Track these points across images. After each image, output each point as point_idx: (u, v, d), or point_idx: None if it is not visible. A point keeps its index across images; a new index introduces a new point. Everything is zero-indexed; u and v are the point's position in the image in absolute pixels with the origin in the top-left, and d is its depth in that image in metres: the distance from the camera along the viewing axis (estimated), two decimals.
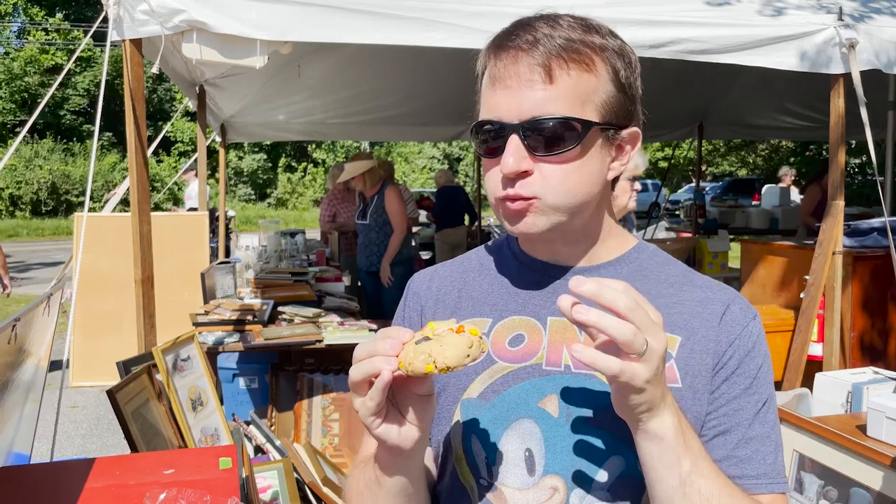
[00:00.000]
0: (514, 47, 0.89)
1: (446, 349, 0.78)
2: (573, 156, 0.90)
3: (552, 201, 0.91)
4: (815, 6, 3.38)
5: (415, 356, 0.78)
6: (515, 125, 0.89)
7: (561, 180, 0.90)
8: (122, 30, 2.75)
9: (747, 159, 29.01)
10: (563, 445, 0.91)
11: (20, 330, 1.55)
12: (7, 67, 25.31)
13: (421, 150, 32.17)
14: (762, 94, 7.19)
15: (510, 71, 0.89)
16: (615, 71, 0.91)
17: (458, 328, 0.81)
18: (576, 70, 0.88)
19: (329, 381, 3.84)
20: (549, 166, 0.90)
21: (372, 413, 0.81)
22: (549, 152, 0.89)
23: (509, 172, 0.89)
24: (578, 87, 0.89)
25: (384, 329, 0.84)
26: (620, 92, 0.92)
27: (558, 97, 0.88)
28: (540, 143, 0.89)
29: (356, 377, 0.80)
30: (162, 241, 3.44)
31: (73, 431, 4.87)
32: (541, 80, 0.88)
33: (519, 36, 0.90)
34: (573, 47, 0.89)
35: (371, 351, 0.80)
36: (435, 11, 2.93)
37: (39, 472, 1.58)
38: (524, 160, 0.89)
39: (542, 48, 0.88)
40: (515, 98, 0.89)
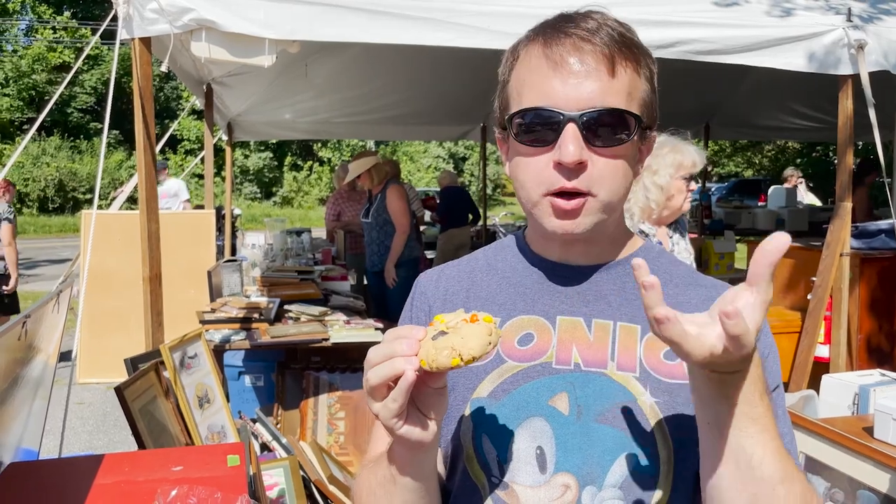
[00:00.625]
0: (575, 34, 0.88)
1: (468, 340, 0.78)
2: (623, 151, 0.90)
3: (604, 198, 0.90)
4: (823, 7, 3.37)
5: (437, 352, 0.77)
6: (575, 115, 0.87)
7: (612, 175, 0.90)
8: (132, 28, 2.76)
9: (753, 160, 28.92)
10: (574, 443, 0.91)
11: (30, 326, 1.56)
12: (15, 65, 25.39)
13: (426, 150, 32.17)
14: (769, 95, 7.18)
15: (573, 58, 0.87)
16: (650, 71, 0.92)
17: (472, 317, 0.81)
18: (630, 66, 0.89)
19: (335, 379, 3.85)
20: (602, 160, 0.89)
21: (395, 415, 0.80)
22: (605, 144, 0.88)
23: (571, 161, 0.87)
24: (630, 82, 0.89)
25: (394, 330, 0.83)
26: (652, 93, 0.93)
27: (618, 90, 0.88)
28: (598, 135, 0.88)
29: (375, 381, 0.79)
30: (169, 239, 3.45)
31: (79, 428, 4.89)
32: (606, 71, 0.87)
33: (577, 24, 0.89)
34: (627, 43, 0.89)
35: (388, 353, 0.79)
36: (443, 11, 2.93)
37: (49, 468, 1.59)
38: (583, 150, 0.88)
39: (607, 38, 0.87)
40: (577, 87, 0.87)
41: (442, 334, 0.79)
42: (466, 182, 32.60)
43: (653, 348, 0.94)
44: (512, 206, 26.06)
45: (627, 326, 0.96)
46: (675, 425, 0.91)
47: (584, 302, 0.98)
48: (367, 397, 0.82)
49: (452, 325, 0.80)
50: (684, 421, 0.90)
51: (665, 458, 0.90)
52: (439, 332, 0.80)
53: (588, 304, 0.98)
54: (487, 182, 10.69)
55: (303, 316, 4.09)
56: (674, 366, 0.93)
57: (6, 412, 1.48)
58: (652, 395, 0.92)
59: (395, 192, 5.45)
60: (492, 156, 11.47)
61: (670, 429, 0.90)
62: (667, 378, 0.93)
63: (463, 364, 0.77)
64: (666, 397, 0.91)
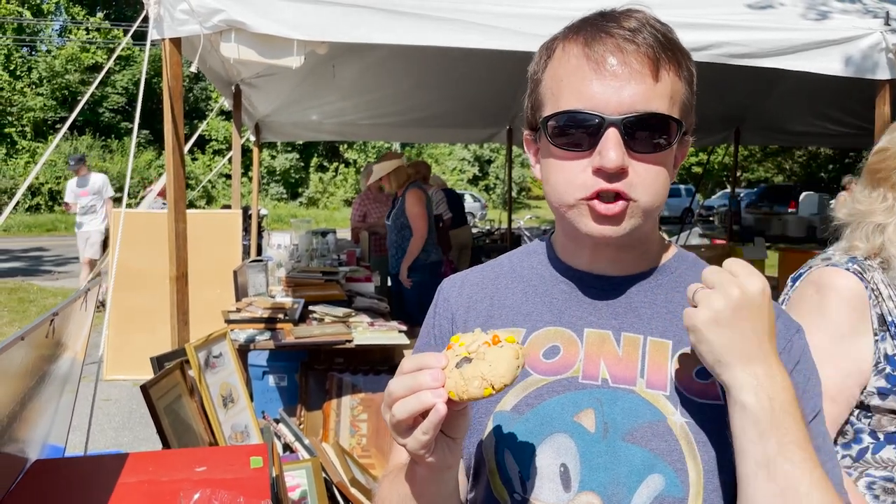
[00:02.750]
0: (618, 34, 0.84)
1: (497, 366, 0.75)
2: (664, 157, 0.87)
3: (644, 203, 0.87)
4: (861, 10, 3.30)
5: (467, 382, 0.75)
6: (617, 119, 0.84)
7: (653, 181, 0.87)
8: (163, 29, 2.78)
9: (784, 165, 28.52)
10: (599, 462, 0.88)
11: (58, 324, 1.57)
12: (49, 65, 25.86)
13: (451, 152, 32.19)
14: (801, 100, 7.06)
15: (615, 59, 0.84)
16: (690, 74, 0.89)
17: (494, 339, 0.78)
18: (673, 69, 0.86)
19: (358, 381, 3.85)
20: (643, 166, 0.86)
21: (424, 447, 0.78)
22: (646, 151, 0.85)
23: (614, 168, 0.84)
24: (672, 86, 0.86)
25: (413, 358, 0.79)
26: (692, 96, 0.90)
27: (661, 94, 0.85)
28: (640, 140, 0.85)
29: (402, 415, 0.76)
30: (196, 239, 3.47)
31: (105, 424, 4.95)
32: (650, 74, 0.84)
33: (619, 23, 0.85)
34: (669, 45, 0.86)
35: (413, 386, 0.76)
36: (471, 13, 2.92)
37: (74, 465, 1.60)
38: (625, 156, 0.85)
39: (651, 38, 0.84)
40: (619, 90, 0.84)
41: (466, 361, 0.77)
42: (492, 185, 32.59)
43: (685, 365, 0.91)
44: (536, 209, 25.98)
45: (658, 342, 0.92)
46: (706, 446, 0.87)
47: (614, 314, 0.94)
48: (391, 430, 0.79)
49: (475, 350, 0.77)
50: (715, 442, 0.87)
51: (694, 480, 0.87)
52: (463, 360, 0.77)
53: (617, 316, 0.94)
54: (513, 185, 10.64)
55: (327, 317, 4.10)
56: (706, 385, 0.89)
57: (33, 409, 1.49)
58: (682, 415, 0.88)
59: (413, 197, 5.44)
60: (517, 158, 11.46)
61: (700, 450, 0.87)
62: (698, 398, 0.89)
63: (495, 393, 0.75)
64: (697, 417, 0.88)
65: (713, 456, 0.87)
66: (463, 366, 0.76)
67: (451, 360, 0.77)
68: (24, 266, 13.28)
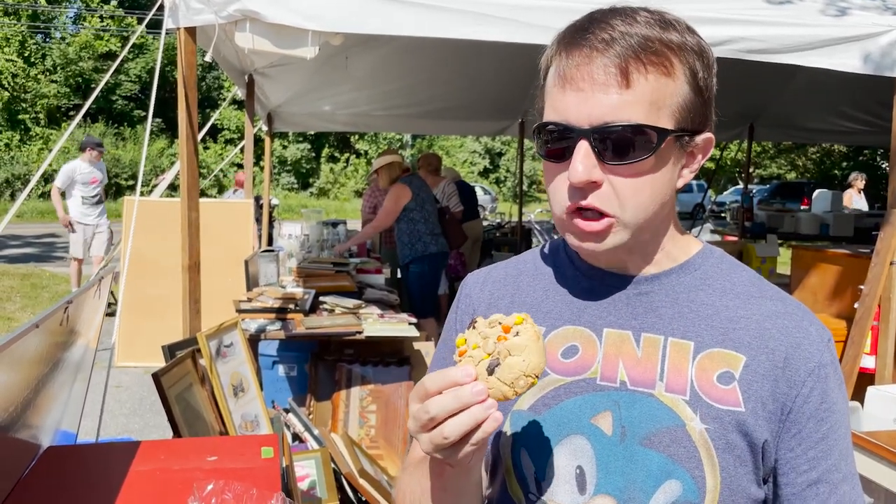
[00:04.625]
0: (588, 45, 0.83)
1: (530, 357, 0.76)
2: (646, 166, 0.84)
3: (627, 218, 0.85)
4: (880, 7, 3.26)
5: (512, 384, 0.75)
6: (586, 130, 0.82)
7: (633, 193, 0.84)
8: (178, 18, 2.78)
9: (797, 162, 28.31)
10: (616, 465, 0.87)
11: (71, 312, 1.58)
12: (63, 52, 25.97)
13: (462, 144, 32.13)
14: (817, 96, 6.99)
15: (583, 71, 0.82)
16: (693, 73, 0.85)
17: (505, 329, 0.78)
18: (654, 73, 0.82)
19: (367, 372, 3.86)
20: (619, 178, 0.84)
21: (470, 456, 0.77)
22: (621, 161, 0.83)
23: (578, 181, 0.83)
24: (655, 91, 0.82)
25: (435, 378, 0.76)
26: (697, 95, 0.86)
27: (634, 102, 0.82)
28: (612, 151, 0.83)
29: (457, 435, 0.74)
30: (208, 228, 3.48)
31: (116, 410, 4.98)
32: (616, 84, 0.81)
33: (593, 33, 0.83)
34: (651, 47, 0.82)
35: (458, 406, 0.74)
36: (485, 5, 2.90)
37: (86, 452, 1.61)
38: (594, 169, 0.83)
39: (619, 48, 0.81)
40: (588, 101, 0.82)
41: (495, 364, 0.76)
42: (503, 178, 32.51)
43: (706, 369, 0.89)
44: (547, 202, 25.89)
45: (679, 343, 0.90)
46: (725, 454, 0.86)
47: (633, 314, 0.93)
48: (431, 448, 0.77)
49: (494, 350, 0.77)
50: (734, 450, 0.86)
51: (711, 487, 0.86)
52: (492, 363, 0.76)
53: (637, 316, 0.92)
54: (524, 178, 10.60)
55: (337, 308, 4.11)
56: (727, 390, 0.88)
57: (46, 396, 1.50)
58: (702, 421, 0.87)
59: (395, 191, 5.51)
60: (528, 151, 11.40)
61: (719, 457, 0.86)
62: (718, 403, 0.87)
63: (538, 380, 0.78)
64: (716, 424, 0.86)
65: (731, 464, 0.86)
66: (496, 370, 0.76)
67: (477, 369, 0.76)
68: (37, 252, 13.38)
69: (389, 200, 5.51)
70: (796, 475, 0.88)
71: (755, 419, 0.87)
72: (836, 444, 0.89)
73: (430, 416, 0.75)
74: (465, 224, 7.90)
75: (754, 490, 0.88)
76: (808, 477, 0.88)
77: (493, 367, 0.76)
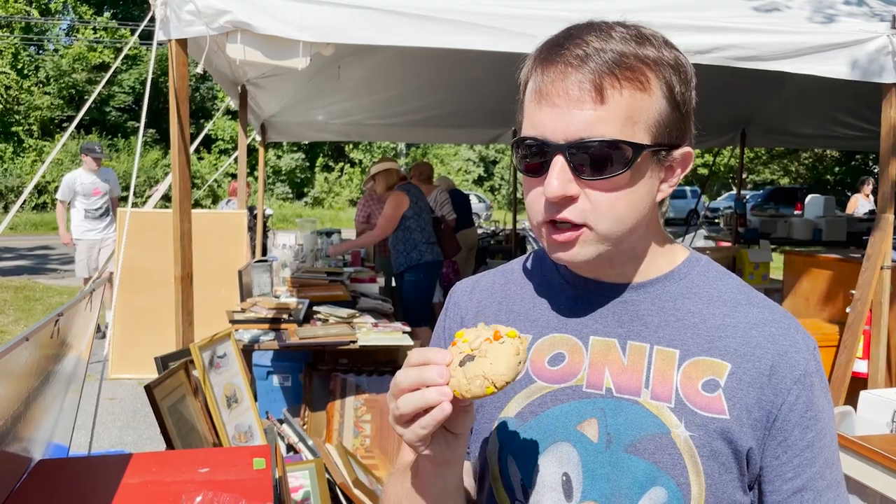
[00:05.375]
0: (563, 62, 0.83)
1: (497, 364, 0.76)
2: (622, 181, 0.85)
3: (602, 230, 0.86)
4: (867, 14, 3.29)
5: (469, 381, 0.75)
6: (561, 145, 0.83)
7: (610, 207, 0.85)
8: (169, 30, 2.79)
9: (790, 168, 28.44)
10: (601, 472, 0.88)
11: (62, 324, 1.58)
12: (56, 64, 25.94)
13: (457, 152, 32.19)
14: (808, 102, 7.04)
15: (557, 88, 0.83)
16: (669, 87, 0.85)
17: (495, 334, 0.78)
18: (628, 89, 0.82)
19: (362, 381, 3.85)
20: (596, 192, 0.85)
21: (421, 440, 0.78)
22: (596, 176, 0.84)
23: (553, 196, 0.84)
24: (630, 106, 0.83)
25: (420, 352, 0.80)
26: (674, 110, 0.86)
27: (609, 118, 0.82)
28: (587, 166, 0.83)
29: (406, 409, 0.77)
30: (201, 239, 3.48)
31: (110, 423, 4.96)
32: (591, 100, 0.82)
33: (568, 49, 0.84)
34: (626, 63, 0.82)
35: (419, 381, 0.76)
36: (476, 15, 2.92)
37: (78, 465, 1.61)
38: (570, 183, 0.84)
39: (593, 64, 0.82)
40: (563, 117, 0.83)
41: (469, 358, 0.77)
42: (497, 185, 32.56)
43: (691, 377, 0.89)
44: None
45: (665, 351, 0.91)
46: (709, 461, 0.87)
47: (619, 322, 0.93)
48: (392, 420, 0.80)
49: (477, 347, 0.78)
50: (718, 457, 0.87)
51: (696, 494, 0.86)
52: (467, 356, 0.77)
53: (623, 324, 0.93)
54: (518, 186, 10.63)
55: (331, 318, 4.10)
56: (712, 398, 0.88)
57: (37, 409, 1.49)
58: (687, 428, 0.87)
59: (394, 199, 5.51)
60: None
61: (704, 464, 0.87)
62: (703, 411, 0.88)
63: (497, 391, 0.76)
64: (701, 431, 0.87)
65: (716, 471, 0.87)
66: (466, 364, 0.77)
67: (455, 357, 0.78)
68: (31, 264, 13.33)
69: (389, 207, 5.49)
70: (781, 482, 0.89)
71: (740, 427, 0.87)
72: (822, 451, 0.90)
73: (395, 381, 0.79)
74: (459, 232, 7.91)
75: (739, 497, 0.89)
76: (794, 484, 0.89)
77: (465, 361, 0.77)
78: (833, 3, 3.36)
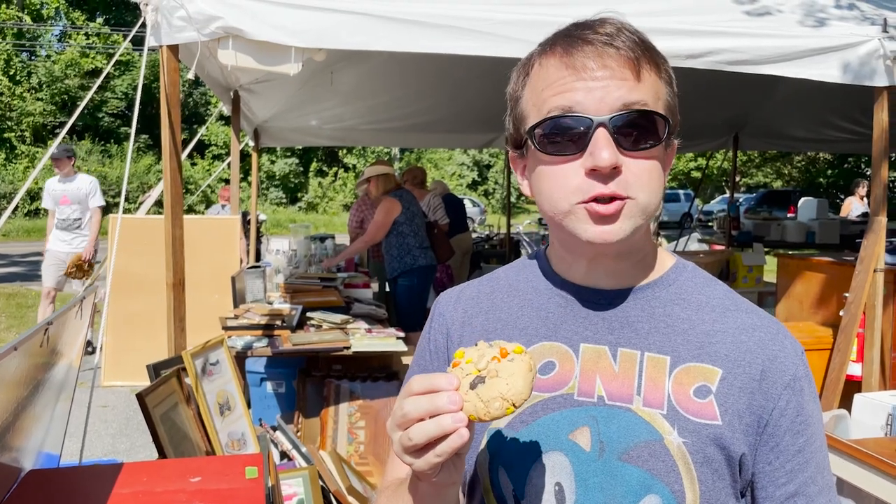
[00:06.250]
0: (595, 40, 0.85)
1: (514, 383, 0.74)
2: (656, 154, 0.87)
3: (643, 201, 0.86)
4: (858, 17, 3.30)
5: (486, 404, 0.74)
6: (604, 118, 0.84)
7: (649, 177, 0.86)
8: (160, 36, 2.78)
9: (783, 170, 28.55)
10: (594, 481, 0.87)
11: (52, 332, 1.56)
12: (48, 70, 25.88)
13: (451, 157, 32.20)
14: (800, 106, 7.06)
15: (595, 63, 0.84)
16: (670, 77, 0.90)
17: (502, 352, 0.77)
18: (653, 71, 0.87)
19: (356, 388, 3.84)
20: (636, 163, 0.85)
21: (434, 468, 0.77)
22: (637, 147, 0.85)
23: (608, 166, 0.83)
24: (656, 86, 0.87)
25: (422, 379, 0.77)
26: (673, 100, 0.90)
27: (645, 92, 0.85)
28: (630, 138, 0.85)
29: (420, 440, 0.74)
30: (194, 244, 3.46)
31: (103, 431, 4.93)
32: (631, 75, 0.85)
33: (593, 30, 0.86)
34: (647, 47, 0.87)
35: (430, 409, 0.74)
36: (468, 20, 2.92)
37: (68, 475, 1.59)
38: (617, 155, 0.84)
39: (629, 41, 0.85)
40: (603, 90, 0.84)
41: (479, 380, 0.75)
42: (491, 190, 32.59)
43: (683, 383, 0.89)
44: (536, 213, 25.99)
45: (655, 357, 0.90)
46: (703, 467, 0.86)
47: (610, 329, 0.93)
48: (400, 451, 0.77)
49: (485, 368, 0.76)
50: (711, 463, 0.86)
51: (691, 501, 0.86)
52: (476, 379, 0.76)
53: (614, 331, 0.92)
54: (511, 190, 10.64)
55: (325, 324, 4.09)
56: (704, 404, 0.88)
57: (27, 418, 1.48)
58: (680, 434, 0.87)
59: (385, 205, 5.50)
60: None
61: (698, 471, 0.86)
62: (695, 417, 0.87)
63: (516, 410, 0.75)
64: (694, 438, 0.87)
65: (710, 477, 0.86)
66: (478, 386, 0.75)
67: (462, 381, 0.76)
68: (23, 271, 13.26)
69: (380, 214, 5.49)
70: (774, 488, 0.89)
71: (732, 432, 0.87)
72: (813, 456, 0.90)
73: (403, 412, 0.76)
74: (454, 237, 7.90)
75: (733, 503, 0.88)
76: (786, 490, 0.89)
77: (476, 384, 0.75)
78: (824, 7, 3.37)
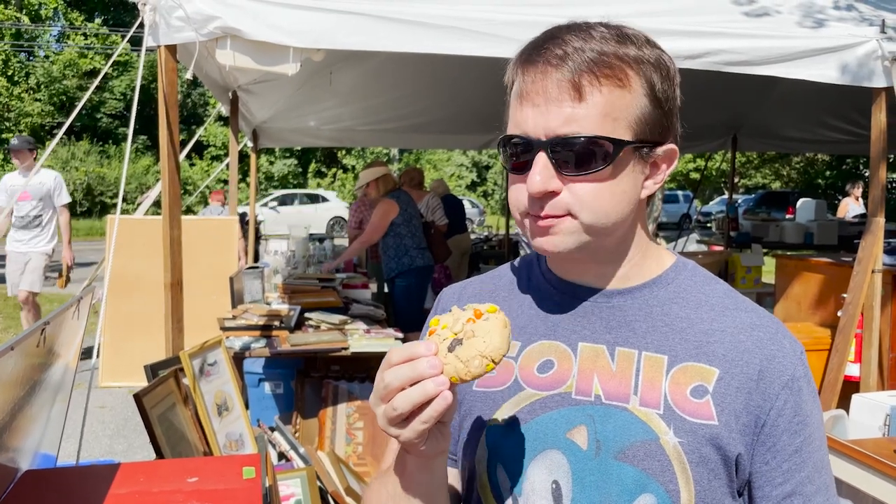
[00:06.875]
0: (543, 62, 0.85)
1: (491, 340, 0.76)
2: (604, 175, 0.86)
3: (586, 220, 0.86)
4: (857, 18, 3.30)
5: (466, 363, 0.75)
6: (543, 142, 0.85)
7: (593, 198, 0.86)
8: (158, 36, 2.77)
9: (781, 172, 28.58)
10: (591, 480, 0.87)
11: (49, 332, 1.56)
12: (46, 70, 25.87)
13: (450, 158, 32.21)
14: (798, 107, 7.06)
15: (538, 87, 0.85)
16: (651, 85, 0.86)
17: (476, 313, 0.79)
18: (607, 86, 0.84)
19: (354, 388, 3.83)
20: (580, 186, 0.86)
21: (421, 435, 0.78)
22: (578, 172, 0.85)
23: (536, 192, 0.85)
24: (610, 103, 0.84)
25: (401, 349, 0.79)
26: (656, 107, 0.87)
27: (587, 115, 0.84)
28: (569, 162, 0.85)
29: (405, 407, 0.76)
30: (191, 245, 3.46)
31: (100, 432, 4.92)
32: (569, 98, 0.84)
33: (548, 49, 0.85)
34: (605, 61, 0.84)
35: (412, 377, 0.76)
36: (466, 20, 2.92)
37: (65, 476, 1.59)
38: (552, 179, 0.85)
39: (572, 63, 0.83)
40: (543, 115, 0.85)
41: (457, 343, 0.77)
42: (490, 191, 32.59)
43: (680, 383, 0.89)
44: None
45: (653, 357, 0.91)
46: (699, 468, 0.86)
47: (608, 328, 0.93)
48: (384, 423, 0.78)
49: (461, 330, 0.78)
50: (707, 463, 0.86)
51: (686, 501, 0.86)
52: (454, 341, 0.77)
53: (611, 330, 0.93)
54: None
55: (323, 324, 4.08)
56: (700, 404, 0.88)
57: (24, 419, 1.47)
58: (676, 434, 0.87)
59: (383, 207, 5.50)
60: None
61: (693, 471, 0.86)
62: (692, 417, 0.88)
63: (496, 366, 0.76)
64: (690, 438, 0.87)
65: (705, 477, 0.86)
66: (456, 348, 0.76)
67: (440, 345, 0.77)
68: None
69: (377, 216, 5.50)
70: (771, 488, 0.89)
71: (728, 432, 0.87)
72: (811, 456, 0.90)
73: (384, 383, 0.77)
74: (453, 238, 7.91)
75: (729, 503, 0.88)
76: (783, 489, 0.89)
77: (454, 346, 0.76)
78: (823, 8, 3.38)
